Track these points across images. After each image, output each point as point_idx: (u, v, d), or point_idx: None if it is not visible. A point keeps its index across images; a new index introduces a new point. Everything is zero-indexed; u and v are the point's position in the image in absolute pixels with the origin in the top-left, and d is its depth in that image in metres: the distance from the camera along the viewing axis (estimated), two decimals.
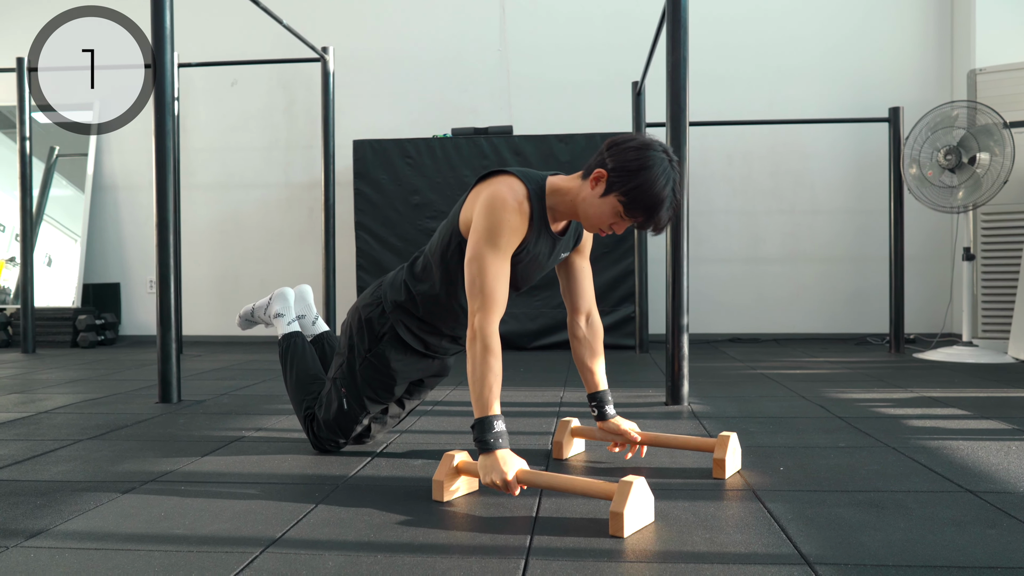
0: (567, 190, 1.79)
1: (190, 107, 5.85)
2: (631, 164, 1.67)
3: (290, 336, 2.31)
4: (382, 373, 2.01)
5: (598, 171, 1.70)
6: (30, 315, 5.05)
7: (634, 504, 1.47)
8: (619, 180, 1.68)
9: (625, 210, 1.70)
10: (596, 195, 1.72)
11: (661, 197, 1.68)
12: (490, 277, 1.70)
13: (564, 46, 5.61)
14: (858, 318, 5.46)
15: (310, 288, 2.52)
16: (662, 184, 1.67)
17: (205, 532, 1.50)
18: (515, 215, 1.72)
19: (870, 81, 5.42)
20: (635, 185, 1.67)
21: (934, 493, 1.72)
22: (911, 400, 2.95)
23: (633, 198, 1.68)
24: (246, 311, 2.52)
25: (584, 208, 1.75)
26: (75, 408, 2.92)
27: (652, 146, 1.70)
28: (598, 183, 1.71)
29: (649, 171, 1.67)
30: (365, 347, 2.02)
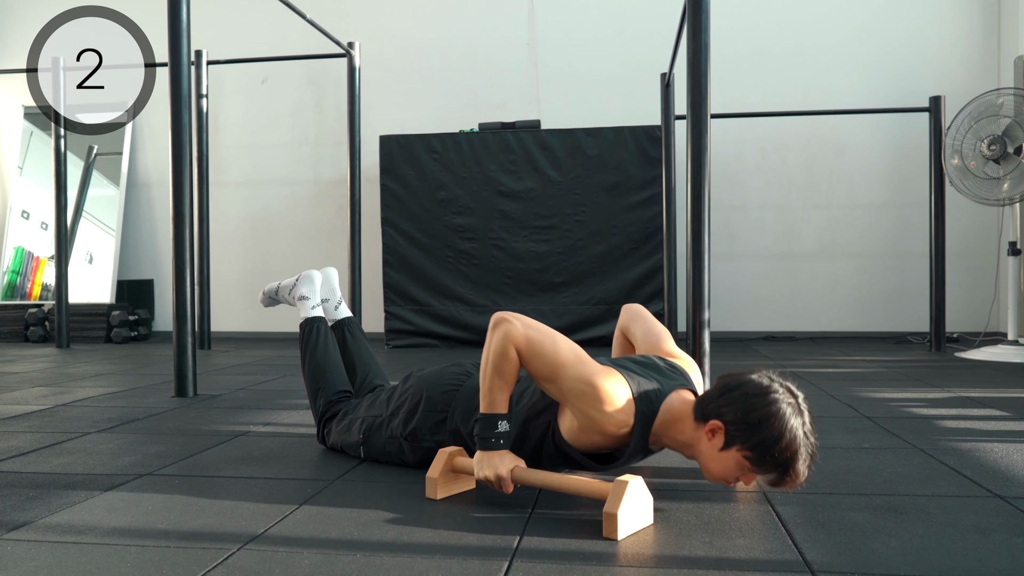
0: (683, 428, 1.56)
1: (221, 105, 5.90)
2: (752, 415, 1.43)
3: (312, 321, 2.26)
4: (400, 459, 1.89)
5: (713, 423, 1.48)
6: (64, 311, 5.13)
7: (629, 505, 1.40)
8: (740, 434, 1.44)
9: (753, 466, 1.45)
10: (715, 447, 1.49)
11: (794, 449, 1.41)
12: (563, 345, 1.54)
13: (593, 38, 5.52)
14: (898, 316, 5.27)
15: (336, 271, 2.45)
16: (791, 435, 1.41)
17: (188, 528, 1.46)
18: (607, 437, 1.55)
19: (910, 70, 5.22)
20: (759, 441, 1.42)
21: (959, 498, 1.61)
22: (947, 400, 2.81)
23: (760, 454, 1.43)
24: (271, 288, 2.47)
25: (702, 460, 1.53)
26: (93, 401, 2.93)
27: (771, 388, 1.46)
28: (715, 435, 1.49)
29: (774, 421, 1.42)
30: (401, 432, 1.87)
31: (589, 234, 4.93)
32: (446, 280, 5.02)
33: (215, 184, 5.85)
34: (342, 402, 2.10)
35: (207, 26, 5.85)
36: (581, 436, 1.59)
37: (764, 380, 1.48)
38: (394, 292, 5.07)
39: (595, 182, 4.92)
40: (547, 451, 1.67)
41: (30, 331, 5.59)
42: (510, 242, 4.97)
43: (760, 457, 1.43)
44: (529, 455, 1.69)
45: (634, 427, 1.55)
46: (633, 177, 4.89)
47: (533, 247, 4.97)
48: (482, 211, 5.00)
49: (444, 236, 5.02)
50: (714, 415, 1.49)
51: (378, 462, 1.95)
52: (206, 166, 4.97)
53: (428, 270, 5.04)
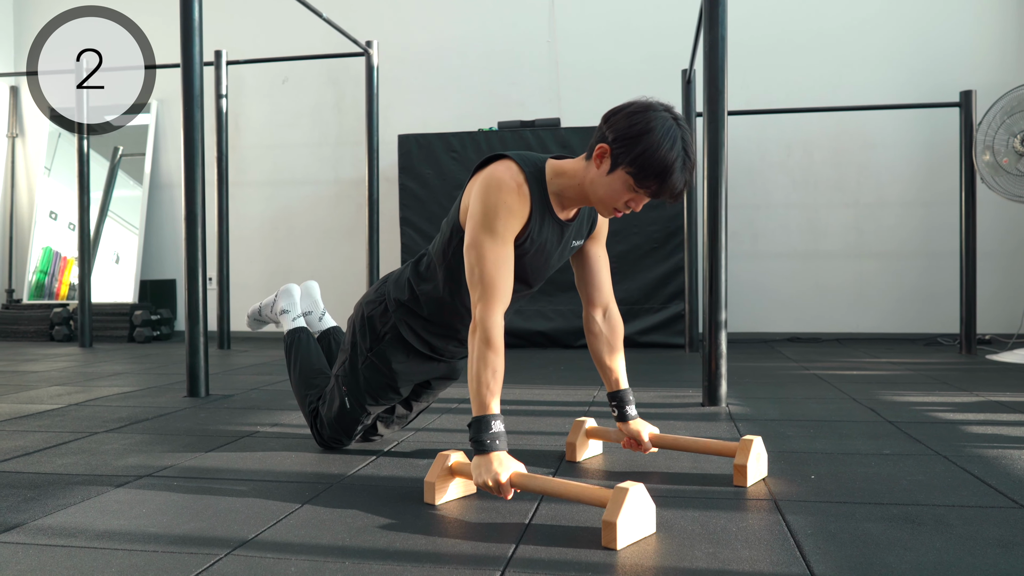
0: (572, 172, 1.65)
1: (242, 105, 5.92)
2: (632, 130, 1.53)
3: (295, 331, 2.25)
4: (383, 374, 1.91)
5: (600, 147, 1.57)
6: (87, 311, 5.18)
7: (630, 513, 1.34)
8: (623, 150, 1.54)
9: (636, 182, 1.55)
10: (603, 173, 1.58)
11: (670, 159, 1.52)
12: (489, 264, 1.58)
13: (614, 34, 5.45)
14: (928, 317, 5.13)
15: (316, 284, 2.46)
16: (668, 144, 1.52)
17: (179, 531, 1.43)
18: (512, 196, 1.59)
19: (940, 63, 5.08)
20: (640, 151, 1.52)
21: (983, 509, 1.53)
22: (974, 404, 2.71)
23: (641, 165, 1.53)
24: (253, 310, 2.49)
25: (593, 190, 1.61)
26: (105, 401, 2.94)
27: (652, 106, 1.56)
28: (602, 160, 1.58)
29: (652, 133, 1.52)
30: (367, 346, 1.92)
31: (609, 234, 4.86)
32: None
33: (237, 184, 5.87)
34: None
35: (228, 26, 5.88)
36: None
37: (646, 101, 1.57)
38: None
39: None
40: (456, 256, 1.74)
41: (55, 330, 5.65)
42: None
43: (640, 169, 1.53)
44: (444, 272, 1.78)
45: (529, 186, 1.62)
46: None
47: None
48: None
49: None
50: (600, 140, 1.58)
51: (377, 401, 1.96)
52: (226, 166, 4.98)
53: None
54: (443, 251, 1.78)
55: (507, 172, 1.61)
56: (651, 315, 4.81)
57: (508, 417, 2.55)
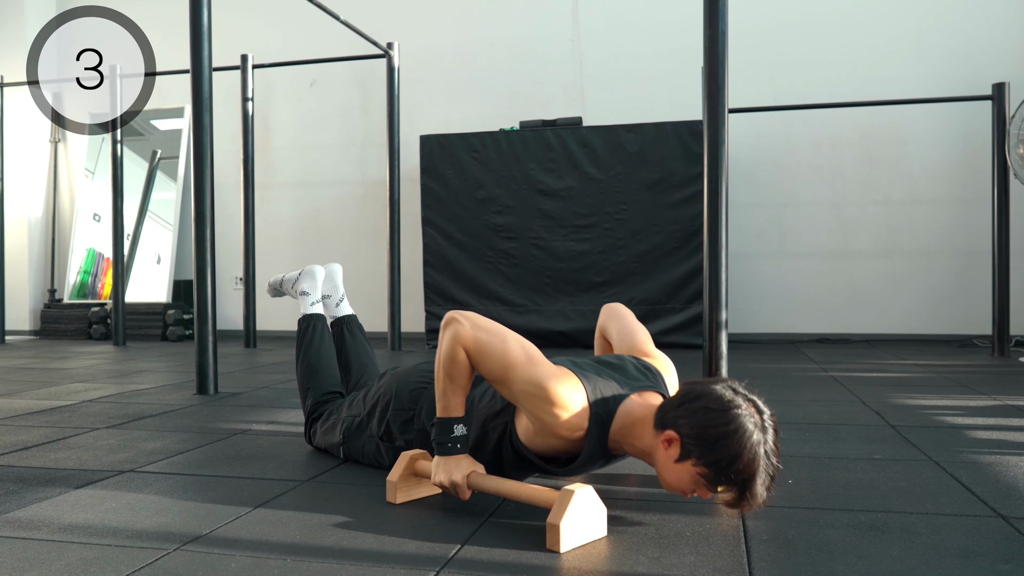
0: (640, 435, 1.46)
1: (271, 107, 6.02)
2: (708, 432, 1.33)
3: (310, 318, 2.25)
4: (383, 458, 1.85)
5: (669, 433, 1.38)
6: (121, 310, 5.32)
7: (575, 516, 1.32)
8: (695, 448, 1.35)
9: (708, 483, 1.35)
10: (670, 458, 1.39)
11: (752, 469, 1.31)
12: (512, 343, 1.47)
13: (638, 30, 5.39)
14: (963, 318, 4.96)
15: (340, 268, 2.44)
16: (750, 456, 1.31)
17: (139, 526, 1.46)
18: (560, 440, 1.47)
19: (972, 55, 4.91)
20: (716, 459, 1.32)
21: (956, 517, 1.47)
22: (989, 409, 2.61)
23: (716, 471, 1.33)
24: (276, 280, 2.47)
25: (659, 470, 1.43)
26: (118, 398, 3.01)
27: (734, 403, 1.35)
28: (671, 446, 1.39)
29: (733, 438, 1.31)
30: (379, 432, 1.84)
31: (630, 233, 4.82)
32: (486, 280, 4.99)
33: (267, 186, 5.97)
34: (329, 403, 2.08)
35: (255, 30, 5.98)
36: (536, 439, 1.52)
37: (727, 393, 1.36)
38: (434, 292, 5.07)
39: (636, 180, 4.81)
40: (506, 453, 1.60)
41: (93, 329, 5.83)
42: (550, 241, 4.91)
43: (716, 475, 1.33)
44: (489, 457, 1.63)
45: (588, 431, 1.46)
46: (675, 174, 4.75)
47: (573, 246, 4.89)
48: (522, 210, 4.94)
49: (484, 235, 4.99)
50: (671, 425, 1.38)
51: (360, 463, 1.92)
52: (252, 168, 5.07)
53: (468, 270, 5.01)
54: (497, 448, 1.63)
55: (570, 412, 1.44)
56: (672, 315, 4.75)
57: None
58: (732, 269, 5.16)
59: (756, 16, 5.19)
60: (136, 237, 6.25)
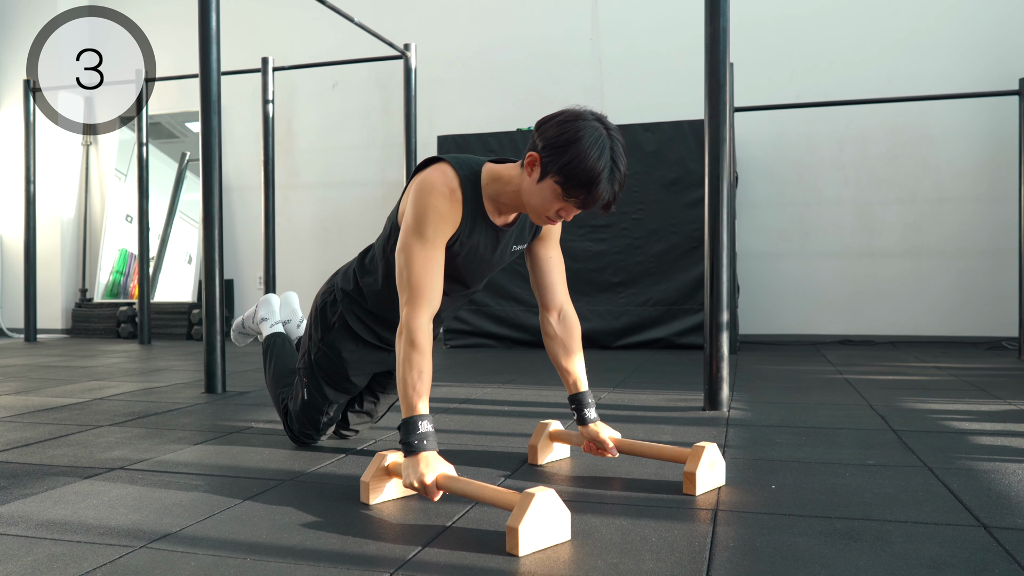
0: (508, 178, 1.64)
1: (295, 110, 6.09)
2: (560, 139, 1.51)
3: (272, 336, 2.32)
4: (335, 363, 1.96)
5: (530, 155, 1.55)
6: (146, 309, 5.43)
7: (534, 520, 1.31)
8: (551, 159, 1.52)
9: (563, 191, 1.53)
10: (533, 181, 1.56)
11: (598, 168, 1.50)
12: (416, 268, 1.59)
13: (657, 29, 5.34)
14: (992, 319, 4.83)
15: (296, 295, 2.55)
16: (596, 154, 1.50)
17: (113, 524, 1.48)
18: (443, 201, 1.60)
19: (1000, 50, 4.77)
20: (567, 160, 1.50)
21: (935, 526, 1.43)
22: (998, 414, 2.53)
23: (568, 175, 1.50)
24: (236, 324, 2.57)
25: (527, 199, 1.60)
26: (128, 396, 3.07)
27: (581, 115, 1.53)
28: (533, 168, 1.56)
29: (580, 142, 1.50)
30: (319, 336, 1.98)
31: (647, 233, 4.78)
32: (502, 280, 4.98)
33: (290, 187, 6.04)
34: None
35: (278, 33, 6.06)
36: None
37: (575, 110, 1.55)
38: None
39: (653, 179, 4.76)
40: None
41: (121, 328, 5.95)
42: (566, 241, 4.87)
43: (566, 179, 1.50)
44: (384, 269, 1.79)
45: (463, 191, 1.61)
46: (693, 173, 4.69)
47: (590, 246, 4.86)
48: None
49: None
50: (531, 148, 1.56)
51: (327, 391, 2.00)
52: (272, 169, 5.13)
53: None
54: (383, 248, 1.81)
55: (440, 176, 1.61)
56: (690, 316, 4.69)
57: (495, 419, 2.54)
58: (753, 269, 5.10)
59: (777, 13, 5.11)
60: (166, 237, 6.37)
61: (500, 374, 3.67)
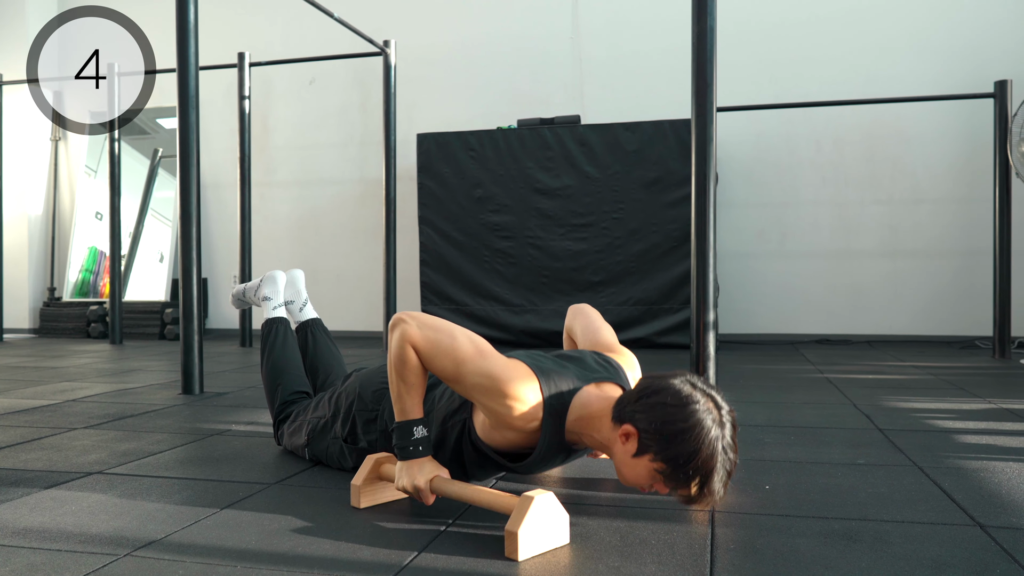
0: (598, 427, 1.44)
1: (271, 106, 6.00)
2: (667, 427, 1.32)
3: (273, 321, 2.24)
4: (344, 459, 1.82)
5: (627, 428, 1.37)
6: (118, 308, 5.32)
7: (533, 523, 1.28)
8: (652, 443, 1.34)
9: (665, 479, 1.36)
10: (628, 454, 1.38)
11: (710, 466, 1.31)
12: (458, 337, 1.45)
13: (638, 28, 5.34)
14: (966, 319, 4.89)
15: (302, 273, 2.43)
16: (708, 452, 1.31)
17: (94, 531, 1.43)
18: (516, 434, 1.45)
19: (976, 53, 4.84)
20: (674, 455, 1.32)
21: (933, 526, 1.42)
22: (981, 412, 2.55)
23: (674, 467, 1.32)
24: (238, 290, 2.48)
25: (617, 464, 1.42)
26: (102, 397, 2.99)
27: (692, 398, 1.34)
28: (628, 440, 1.38)
29: (690, 434, 1.31)
30: (343, 433, 1.80)
31: (628, 232, 4.77)
32: (483, 279, 4.95)
33: (265, 184, 5.96)
34: (296, 403, 2.06)
35: (255, 28, 5.97)
36: (493, 433, 1.49)
37: (685, 388, 1.36)
38: (431, 291, 5.04)
39: (634, 178, 4.76)
40: (467, 451, 1.57)
41: (91, 327, 5.83)
42: (547, 240, 4.87)
43: (673, 471, 1.33)
44: (450, 456, 1.60)
45: (543, 422, 1.44)
46: (674, 173, 4.69)
47: (570, 246, 4.85)
48: (519, 209, 4.91)
49: (481, 235, 4.96)
50: (628, 419, 1.38)
51: (326, 466, 1.89)
52: (248, 166, 5.05)
53: (465, 269, 4.98)
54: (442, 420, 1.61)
55: (523, 403, 1.42)
56: (670, 315, 4.69)
57: None
58: (732, 269, 5.12)
59: (757, 13, 5.13)
60: (137, 235, 6.24)
61: None
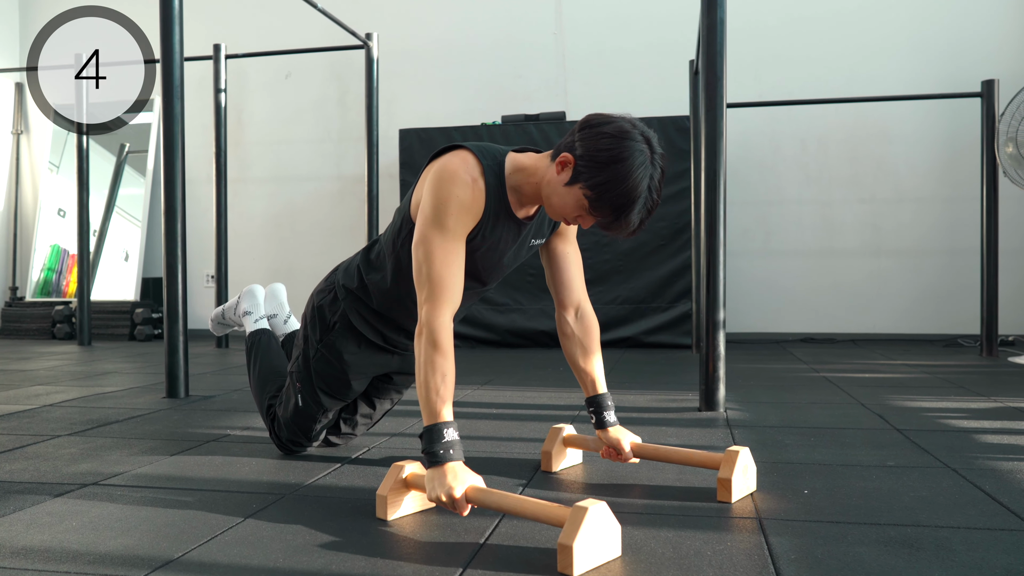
0: (532, 170, 1.53)
1: (246, 101, 5.83)
2: (602, 154, 1.40)
3: (257, 333, 2.15)
4: (335, 366, 1.81)
5: (565, 155, 1.44)
6: (86, 308, 5.12)
7: (588, 536, 1.21)
8: (586, 170, 1.41)
9: (590, 205, 1.43)
10: (561, 182, 1.45)
11: (633, 196, 1.40)
12: (437, 262, 1.46)
13: (622, 23, 5.29)
14: (949, 317, 4.93)
15: (283, 287, 2.35)
16: (636, 180, 1.39)
17: (102, 550, 1.32)
18: (466, 190, 1.48)
19: (961, 52, 4.88)
20: (604, 180, 1.40)
21: (991, 532, 1.37)
22: (991, 411, 2.53)
23: (600, 194, 1.41)
24: (216, 314, 2.39)
25: (547, 193, 1.50)
26: (82, 401, 2.84)
27: (630, 134, 1.41)
28: (564, 168, 1.45)
29: (622, 164, 1.39)
30: (317, 337, 1.83)
31: None
32: None
33: (240, 180, 5.79)
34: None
35: (230, 19, 5.80)
36: None
37: (625, 125, 1.43)
38: None
39: None
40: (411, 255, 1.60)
41: (56, 328, 5.61)
42: None
43: (598, 197, 1.41)
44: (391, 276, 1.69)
45: (486, 182, 1.50)
46: None
47: None
48: None
49: None
50: (567, 148, 1.45)
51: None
52: (224, 162, 4.89)
53: None
54: (392, 242, 1.68)
55: (462, 164, 1.49)
56: (658, 314, 4.65)
57: (489, 422, 2.42)
58: None
59: (742, 12, 5.11)
60: (103, 233, 6.03)
61: (476, 375, 3.55)
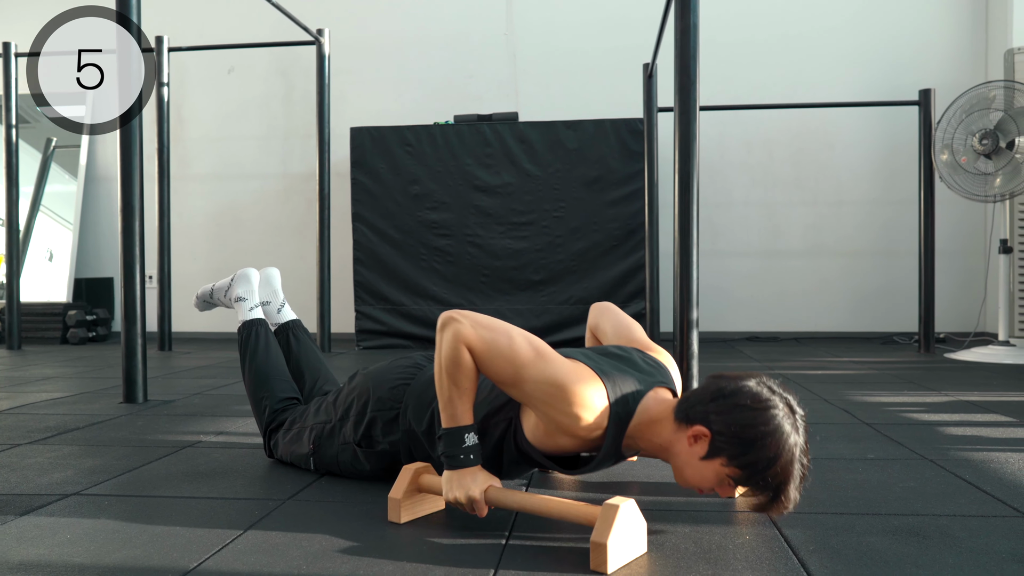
0: (659, 431, 1.38)
1: (186, 95, 5.64)
2: (746, 432, 1.26)
3: (251, 324, 2.06)
4: (360, 465, 1.69)
5: (699, 428, 1.30)
6: (15, 311, 4.86)
7: (621, 533, 1.21)
8: (727, 447, 1.28)
9: (735, 484, 1.31)
10: (695, 455, 1.32)
11: (787, 475, 1.26)
12: (519, 339, 1.36)
13: (575, 27, 5.34)
14: (885, 316, 5.14)
15: (278, 272, 2.25)
16: (788, 458, 1.26)
17: (109, 561, 1.26)
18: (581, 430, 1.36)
19: (899, 62, 5.10)
20: (751, 461, 1.26)
21: (985, 518, 1.44)
22: (945, 404, 2.66)
23: (750, 474, 1.27)
24: (204, 291, 2.28)
25: (678, 464, 1.36)
26: (32, 408, 2.70)
27: (770, 404, 1.28)
28: (698, 441, 1.32)
29: (768, 442, 1.25)
30: (355, 438, 1.68)
31: (569, 230, 4.75)
32: (420, 278, 4.82)
33: (180, 178, 5.60)
34: (288, 410, 1.90)
35: (171, 10, 5.61)
36: (546, 439, 1.41)
37: (763, 391, 1.30)
38: (365, 291, 4.86)
39: (575, 177, 4.75)
40: (508, 451, 1.49)
41: None
42: (486, 239, 4.78)
43: (748, 477, 1.27)
44: (489, 454, 1.51)
45: (607, 430, 1.38)
46: (614, 172, 4.71)
47: (510, 244, 4.78)
48: (457, 206, 4.80)
49: (418, 232, 4.82)
50: (700, 421, 1.31)
51: (333, 475, 1.75)
52: (167, 158, 4.72)
53: (401, 268, 4.83)
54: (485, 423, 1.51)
55: (591, 407, 1.34)
56: None
57: None
58: (664, 268, 5.18)
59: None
60: (28, 233, 5.74)
61: None
